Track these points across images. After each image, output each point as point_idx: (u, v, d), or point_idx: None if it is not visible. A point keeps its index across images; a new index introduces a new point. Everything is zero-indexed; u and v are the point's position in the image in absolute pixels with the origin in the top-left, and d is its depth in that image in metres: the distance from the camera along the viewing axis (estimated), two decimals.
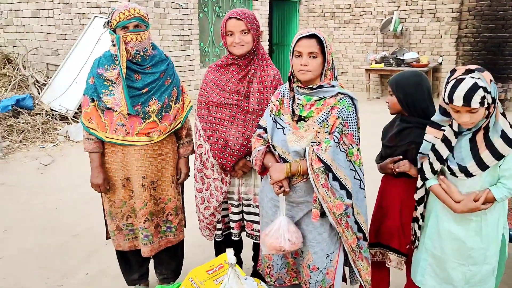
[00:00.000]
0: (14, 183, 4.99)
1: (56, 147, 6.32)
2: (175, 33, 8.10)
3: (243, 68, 2.39)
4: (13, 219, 4.05)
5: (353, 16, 11.29)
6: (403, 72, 2.29)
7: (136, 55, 2.35)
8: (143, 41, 2.35)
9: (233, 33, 2.31)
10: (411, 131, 2.18)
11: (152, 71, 2.42)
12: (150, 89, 2.39)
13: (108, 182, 2.51)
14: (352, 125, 2.01)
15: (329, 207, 1.95)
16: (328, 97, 2.01)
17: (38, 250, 3.50)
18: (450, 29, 10.12)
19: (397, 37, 10.74)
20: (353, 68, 11.53)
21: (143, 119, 2.39)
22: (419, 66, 9.60)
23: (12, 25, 9.33)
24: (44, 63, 8.81)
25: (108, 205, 2.57)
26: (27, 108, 7.17)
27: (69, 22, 8.36)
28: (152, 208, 2.53)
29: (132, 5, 2.35)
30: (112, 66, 2.38)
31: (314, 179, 1.93)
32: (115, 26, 2.31)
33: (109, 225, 2.62)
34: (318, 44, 1.95)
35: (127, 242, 2.63)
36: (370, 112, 8.75)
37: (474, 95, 1.77)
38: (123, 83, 2.32)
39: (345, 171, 1.97)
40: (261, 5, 10.06)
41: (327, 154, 1.92)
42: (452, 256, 2.05)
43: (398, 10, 10.59)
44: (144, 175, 2.46)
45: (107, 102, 2.36)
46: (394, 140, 2.24)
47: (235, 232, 2.57)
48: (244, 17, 2.30)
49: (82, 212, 4.17)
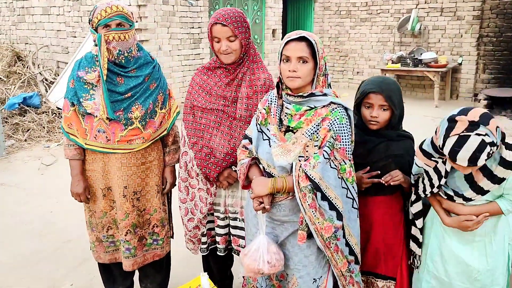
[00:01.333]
0: (13, 184, 4.90)
1: (60, 146, 6.22)
2: (185, 31, 7.94)
3: (232, 72, 2.19)
4: (8, 223, 3.94)
5: (369, 14, 10.97)
6: (383, 83, 2.03)
7: (119, 56, 2.18)
8: (126, 40, 2.17)
9: (220, 39, 2.10)
10: (389, 145, 2.03)
11: (136, 74, 2.24)
12: (133, 93, 2.22)
13: (89, 191, 2.34)
14: (345, 139, 1.79)
15: (317, 229, 1.75)
16: (319, 106, 1.80)
17: (29, 256, 3.38)
18: (471, 28, 9.72)
19: (415, 36, 10.39)
20: (369, 68, 11.22)
21: (125, 126, 2.22)
22: (437, 66, 9.25)
23: (24, 22, 9.32)
24: (54, 60, 8.77)
25: (88, 215, 2.42)
26: (34, 106, 7.11)
27: (78, 19, 8.28)
28: (135, 220, 2.35)
29: (115, 3, 2.18)
30: (93, 68, 2.21)
31: (301, 199, 1.72)
32: (97, 24, 2.15)
33: (89, 235, 2.47)
34: (308, 48, 1.75)
35: (107, 254, 2.46)
36: None
37: (481, 155, 1.58)
38: (103, 85, 2.15)
39: (336, 190, 1.76)
40: (275, 3, 9.83)
41: (316, 171, 1.71)
42: (457, 279, 1.91)
43: (416, 8, 10.23)
44: (126, 185, 2.29)
45: (87, 107, 2.20)
46: (367, 157, 2.04)
47: (221, 247, 2.38)
48: (230, 22, 2.06)
49: (77, 216, 4.02)
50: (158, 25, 7.38)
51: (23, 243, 3.57)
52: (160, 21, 7.44)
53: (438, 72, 9.25)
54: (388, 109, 1.99)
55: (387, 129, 2.05)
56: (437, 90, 9.33)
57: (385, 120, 2.01)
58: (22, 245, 3.54)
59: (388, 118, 2.01)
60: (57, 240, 3.62)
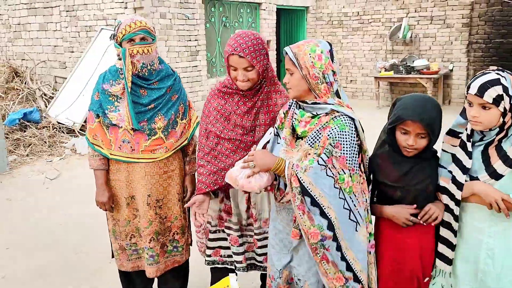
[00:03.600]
0: (20, 198, 4.92)
1: (62, 160, 6.26)
2: (182, 44, 8.05)
3: (250, 98, 2.14)
4: (17, 236, 3.97)
5: (361, 24, 11.18)
6: (423, 109, 1.82)
7: (142, 69, 2.28)
8: (150, 53, 2.27)
9: (236, 68, 2.04)
10: (424, 166, 1.92)
11: (159, 86, 2.34)
12: (156, 105, 2.32)
13: (113, 200, 2.41)
14: (346, 148, 1.74)
15: (304, 231, 1.76)
16: (322, 114, 1.80)
17: (41, 269, 3.41)
18: (460, 35, 9.96)
19: (406, 44, 10.60)
20: (362, 76, 11.40)
21: (148, 136, 2.31)
22: (429, 73, 9.45)
23: (20, 39, 9.37)
24: (52, 76, 8.82)
25: (111, 224, 2.48)
26: (34, 121, 7.14)
27: (76, 34, 8.36)
28: (158, 227, 2.42)
29: (138, 18, 2.28)
30: (118, 81, 2.31)
31: (292, 198, 1.75)
32: (121, 39, 2.25)
33: (113, 244, 2.53)
34: (290, 60, 1.80)
35: (130, 262, 2.52)
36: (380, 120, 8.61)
37: (490, 88, 1.66)
38: (128, 97, 2.24)
39: (330, 199, 1.72)
40: (269, 15, 10.00)
41: (306, 174, 1.71)
42: (465, 279, 1.89)
43: (407, 17, 10.46)
44: (150, 193, 2.37)
45: (112, 119, 2.30)
46: (403, 179, 1.91)
47: (240, 266, 2.34)
48: (248, 52, 1.97)
49: (87, 229, 4.08)
50: (156, 39, 7.48)
51: (34, 257, 3.59)
52: (158, 35, 7.53)
53: (430, 78, 9.44)
54: (427, 136, 1.84)
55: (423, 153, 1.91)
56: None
57: (422, 147, 1.87)
58: (33, 258, 3.57)
59: (426, 145, 1.86)
60: (68, 252, 3.66)
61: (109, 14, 7.77)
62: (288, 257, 1.94)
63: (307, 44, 1.79)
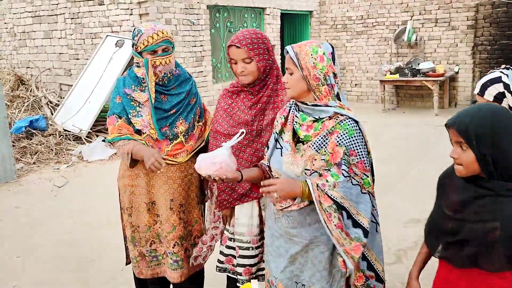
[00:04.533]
0: (28, 206, 4.89)
1: (69, 167, 6.23)
2: (187, 50, 8.05)
3: (255, 95, 2.15)
4: (27, 245, 3.93)
5: (365, 27, 11.16)
6: (481, 111, 1.44)
7: (164, 78, 2.28)
8: (171, 63, 2.27)
9: (236, 61, 2.08)
10: (496, 202, 1.39)
11: (178, 91, 2.33)
12: (177, 109, 2.31)
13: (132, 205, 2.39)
14: (360, 152, 1.71)
15: (347, 251, 1.69)
16: (325, 118, 1.75)
17: (52, 278, 3.36)
18: (465, 38, 9.92)
19: (411, 47, 10.57)
20: (367, 80, 11.37)
21: (170, 141, 2.30)
22: (435, 75, 9.41)
23: (25, 47, 9.39)
24: (57, 83, 8.82)
25: (130, 230, 2.43)
26: (40, 129, 7.12)
27: (81, 42, 8.37)
28: (182, 232, 2.39)
29: (160, 27, 2.23)
30: (140, 88, 2.29)
31: (326, 220, 1.66)
32: (143, 49, 2.20)
33: (131, 251, 2.48)
34: (291, 59, 1.77)
35: (149, 269, 2.48)
36: (385, 124, 8.59)
37: (491, 86, 1.67)
38: (152, 109, 2.23)
39: (359, 206, 1.70)
40: (273, 19, 10.00)
41: (336, 190, 1.66)
42: None
43: (411, 19, 10.44)
44: (172, 198, 2.34)
45: (136, 124, 2.26)
46: (462, 210, 1.47)
47: (242, 278, 2.28)
48: (245, 44, 2.03)
49: (97, 236, 4.04)
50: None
51: (45, 265, 3.55)
52: None
53: (436, 81, 9.40)
54: (469, 148, 1.42)
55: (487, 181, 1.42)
56: (436, 99, 9.47)
57: (469, 163, 1.42)
58: (45, 267, 3.53)
59: (474, 162, 1.41)
60: (79, 260, 3.61)
61: (114, 21, 7.77)
62: (285, 263, 1.88)
63: (309, 45, 1.76)
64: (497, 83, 1.67)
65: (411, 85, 10.28)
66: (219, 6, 8.68)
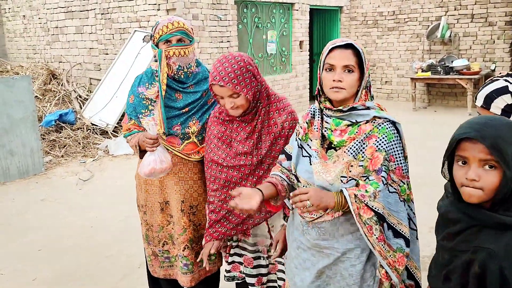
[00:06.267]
0: (53, 199, 4.99)
1: (95, 162, 6.33)
2: (214, 46, 8.02)
3: (249, 122, 1.99)
4: (49, 238, 4.00)
5: (397, 23, 10.85)
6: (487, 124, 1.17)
7: (178, 71, 2.20)
8: (186, 56, 2.19)
9: (222, 97, 1.90)
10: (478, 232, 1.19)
11: (194, 90, 2.26)
12: (190, 108, 2.24)
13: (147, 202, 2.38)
14: (399, 157, 1.61)
15: (390, 264, 1.58)
16: (362, 122, 1.62)
17: (71, 272, 3.40)
18: (503, 34, 9.49)
19: (445, 44, 10.20)
20: (397, 77, 11.07)
21: (182, 140, 2.24)
22: (470, 73, 9.05)
23: (58, 42, 9.61)
24: (87, 78, 8.99)
25: (145, 229, 2.42)
26: (69, 122, 7.27)
27: (110, 37, 8.48)
28: (192, 235, 2.34)
29: (176, 18, 2.20)
30: (153, 84, 2.24)
31: (366, 233, 1.55)
32: (158, 40, 2.18)
33: (146, 249, 2.47)
34: (355, 56, 1.59)
35: (162, 269, 2.46)
36: (416, 123, 8.33)
37: (497, 98, 1.47)
38: (161, 101, 2.18)
39: (399, 215, 1.61)
40: (301, 15, 9.85)
41: (378, 201, 1.55)
42: None
43: (446, 15, 10.07)
44: (183, 199, 2.29)
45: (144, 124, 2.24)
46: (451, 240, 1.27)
47: None
48: (228, 80, 1.82)
49: (117, 231, 4.07)
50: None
51: (65, 259, 3.61)
52: None
53: (471, 79, 9.04)
54: (497, 167, 1.13)
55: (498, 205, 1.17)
56: (470, 98, 9.11)
57: (493, 187, 1.14)
58: (65, 260, 3.58)
59: (498, 184, 1.14)
60: (99, 255, 3.65)
61: (142, 16, 7.83)
62: (311, 277, 1.76)
63: (358, 44, 1.62)
64: (505, 94, 1.48)
65: (444, 83, 9.94)
66: (247, 1, 8.61)
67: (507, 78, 1.52)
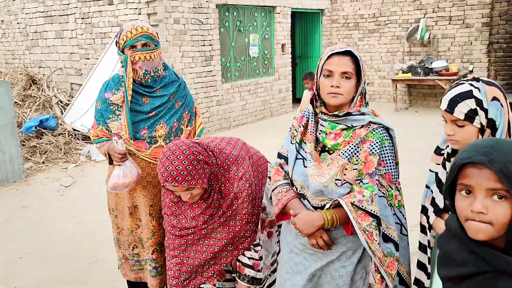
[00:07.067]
0: (35, 206, 4.92)
1: (77, 167, 6.26)
2: (196, 49, 8.02)
3: (204, 200, 1.91)
4: (30, 245, 3.94)
5: (377, 26, 11.00)
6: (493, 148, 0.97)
7: (145, 76, 2.21)
8: (152, 60, 2.20)
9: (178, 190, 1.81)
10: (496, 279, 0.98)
11: (161, 93, 2.28)
12: (157, 112, 2.25)
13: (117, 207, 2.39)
14: (389, 163, 1.65)
15: (386, 271, 1.61)
16: (357, 126, 1.66)
17: (53, 279, 3.36)
18: (480, 35, 9.70)
19: (424, 45, 10.38)
20: (379, 79, 11.21)
21: (149, 144, 2.25)
22: (448, 74, 9.22)
23: (37, 47, 9.48)
24: (68, 83, 8.88)
25: (116, 232, 2.45)
26: (50, 128, 7.17)
27: (91, 41, 8.41)
28: (161, 238, 2.35)
29: (140, 24, 2.23)
30: (120, 89, 2.25)
31: (367, 240, 1.55)
32: (123, 46, 2.20)
33: (117, 252, 2.51)
34: (353, 64, 1.63)
35: (133, 272, 2.48)
36: (397, 124, 8.43)
37: (461, 102, 1.46)
38: (126, 106, 2.19)
39: (387, 219, 1.63)
40: (283, 18, 9.91)
41: (375, 204, 1.57)
42: None
43: (424, 17, 10.25)
44: (152, 203, 2.31)
45: (112, 128, 2.25)
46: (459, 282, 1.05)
47: None
48: (181, 179, 1.70)
49: (100, 237, 4.03)
50: (170, 44, 7.46)
51: (47, 266, 3.55)
52: (172, 40, 7.52)
53: (449, 80, 9.21)
54: (508, 197, 0.95)
55: None
56: None
57: (505, 221, 0.96)
58: (46, 268, 3.53)
59: (510, 218, 0.95)
60: (83, 261, 3.61)
61: (123, 20, 7.78)
62: (302, 281, 1.78)
63: (356, 51, 1.68)
64: (468, 99, 1.46)
65: (424, 84, 10.10)
66: (228, 5, 8.63)
67: (472, 82, 1.51)
